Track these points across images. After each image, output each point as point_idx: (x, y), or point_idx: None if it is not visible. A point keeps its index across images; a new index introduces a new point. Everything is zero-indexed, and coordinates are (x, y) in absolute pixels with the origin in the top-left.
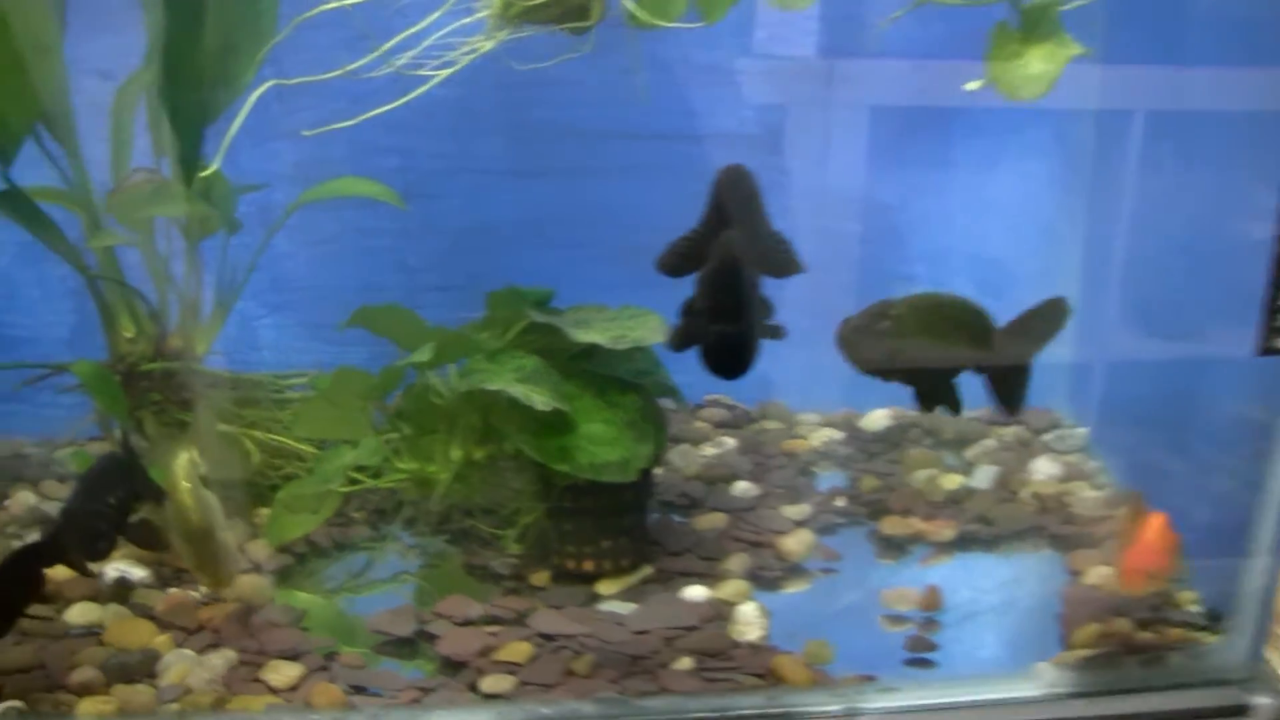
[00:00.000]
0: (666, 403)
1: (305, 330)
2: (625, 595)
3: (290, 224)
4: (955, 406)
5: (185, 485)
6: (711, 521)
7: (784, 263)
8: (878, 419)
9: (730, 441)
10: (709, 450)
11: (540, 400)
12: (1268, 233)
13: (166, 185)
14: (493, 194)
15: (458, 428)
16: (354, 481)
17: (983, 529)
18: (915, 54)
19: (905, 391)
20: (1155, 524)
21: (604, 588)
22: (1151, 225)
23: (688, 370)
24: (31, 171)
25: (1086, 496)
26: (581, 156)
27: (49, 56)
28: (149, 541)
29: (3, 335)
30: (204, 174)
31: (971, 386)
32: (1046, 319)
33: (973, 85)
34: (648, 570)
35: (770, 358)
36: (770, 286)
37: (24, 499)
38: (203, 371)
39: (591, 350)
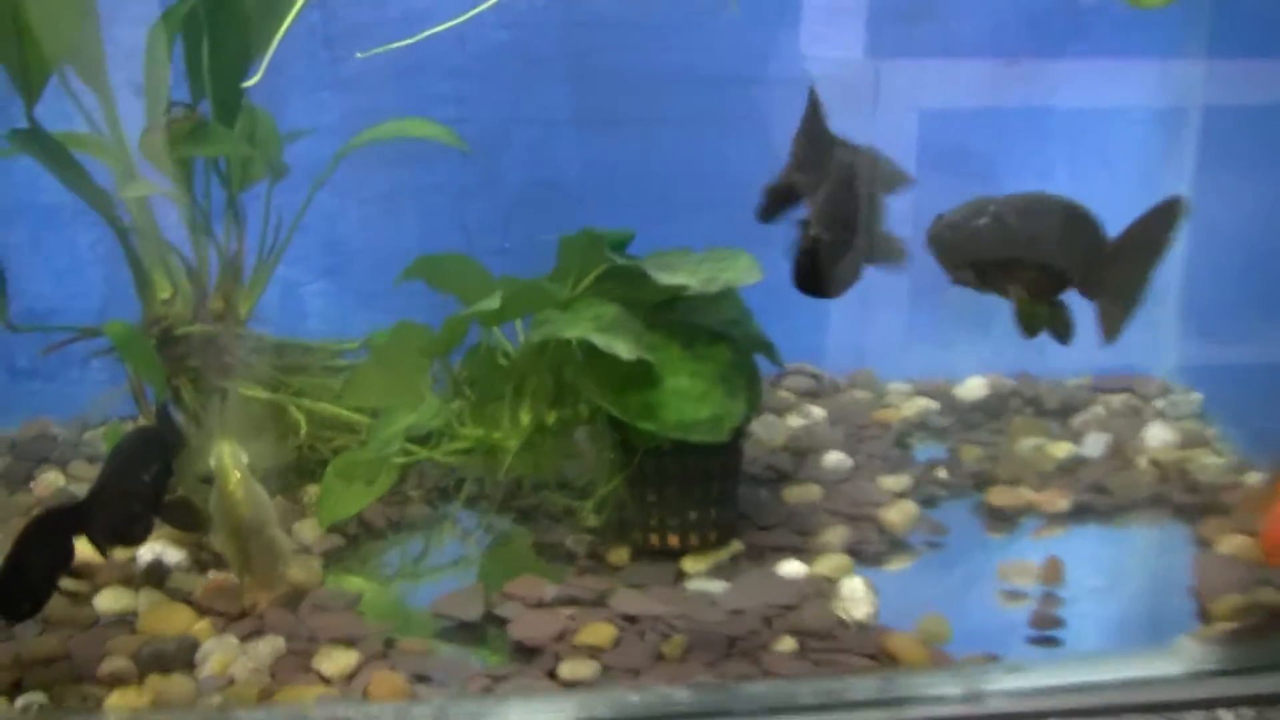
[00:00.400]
0: (759, 361)
1: (357, 298)
2: (714, 573)
3: (339, 181)
4: (1064, 330)
5: (234, 475)
6: (804, 494)
7: (894, 176)
8: (974, 387)
9: (818, 411)
10: (795, 420)
11: (624, 349)
12: None
13: (206, 124)
14: (558, 147)
15: (527, 389)
16: (411, 453)
17: (1099, 499)
18: None
19: (1003, 346)
20: None
21: (690, 564)
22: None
23: (776, 330)
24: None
25: (1209, 463)
26: (653, 105)
27: None
28: (188, 522)
29: (30, 307)
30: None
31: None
32: (1161, 224)
33: None
34: (737, 546)
35: (858, 322)
36: None
37: (51, 480)
38: (246, 335)
39: (675, 300)
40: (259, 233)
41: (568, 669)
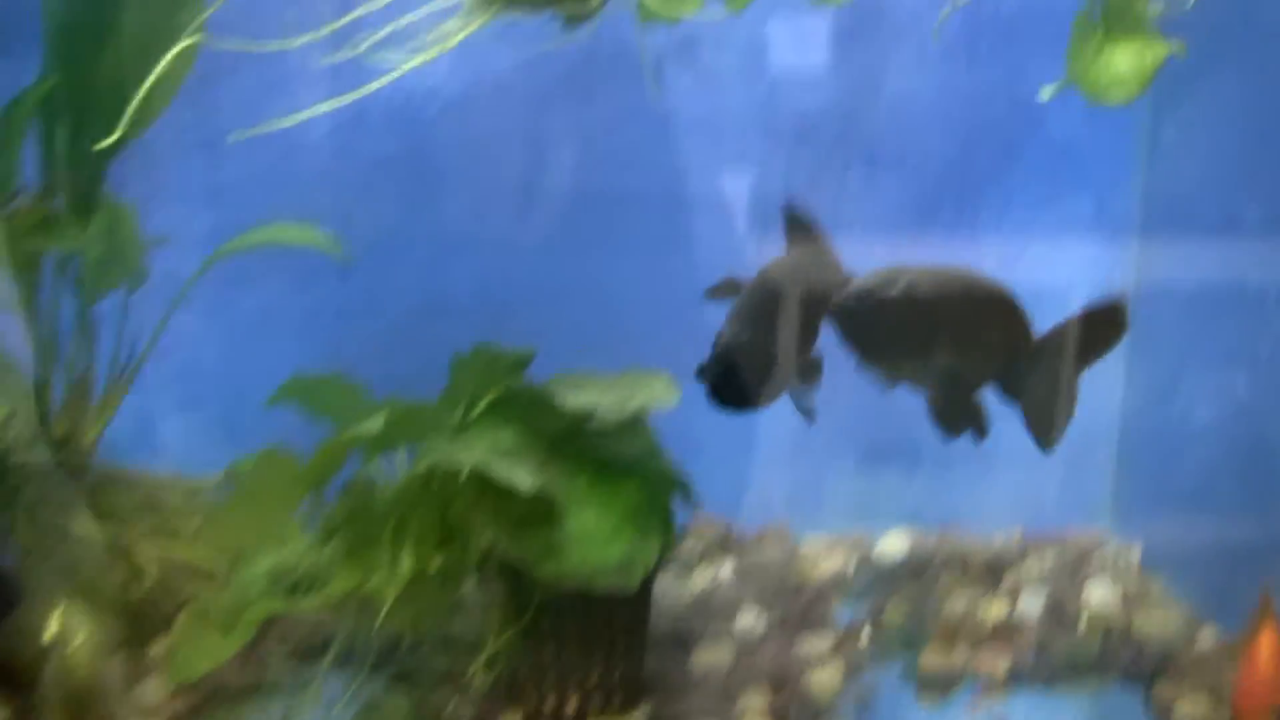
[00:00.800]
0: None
1: (221, 432)
2: None
3: (204, 301)
4: (980, 426)
5: (76, 638)
6: (716, 656)
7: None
8: (895, 542)
9: (726, 568)
10: (703, 576)
11: (524, 479)
12: None
13: (57, 215)
14: (451, 267)
15: (409, 529)
16: (274, 603)
17: (1041, 661)
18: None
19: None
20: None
21: None
22: None
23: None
24: None
25: (1158, 621)
26: (562, 222)
27: None
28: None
29: None
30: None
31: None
32: (1100, 328)
33: (1049, 91)
34: (643, 712)
35: (769, 471)
36: None
37: None
38: (93, 466)
39: (581, 430)
40: (111, 349)
41: None
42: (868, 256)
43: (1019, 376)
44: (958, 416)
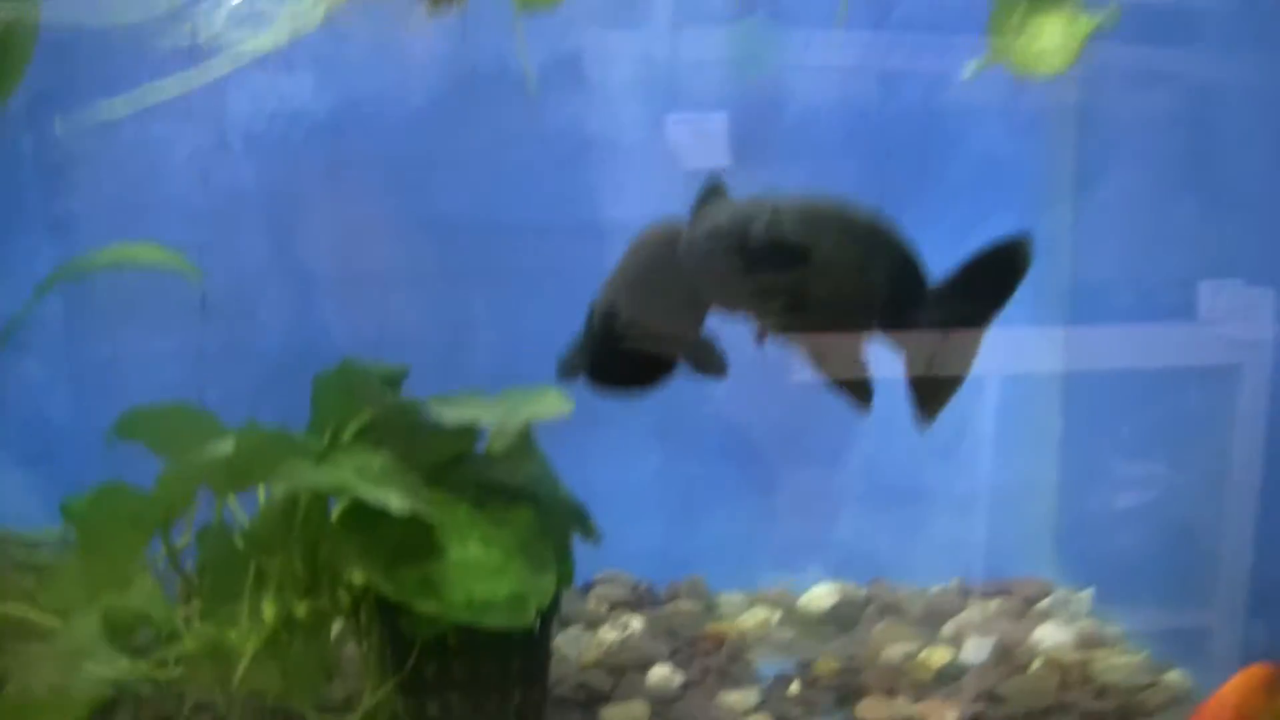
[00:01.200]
0: None
1: (70, 489)
2: None
3: (48, 346)
4: (864, 394)
5: None
6: (627, 712)
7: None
8: (821, 596)
9: (636, 623)
10: (609, 634)
11: (395, 500)
12: None
13: None
14: (318, 308)
15: (270, 573)
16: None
17: (993, 709)
18: None
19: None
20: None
21: None
22: None
23: None
24: None
25: (1119, 663)
26: (438, 254)
27: None
28: None
29: None
30: None
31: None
32: (1000, 270)
33: (973, 67)
34: None
35: (675, 525)
36: None
37: None
38: None
39: (462, 454)
40: None
41: None
42: None
43: (908, 327)
44: (839, 372)
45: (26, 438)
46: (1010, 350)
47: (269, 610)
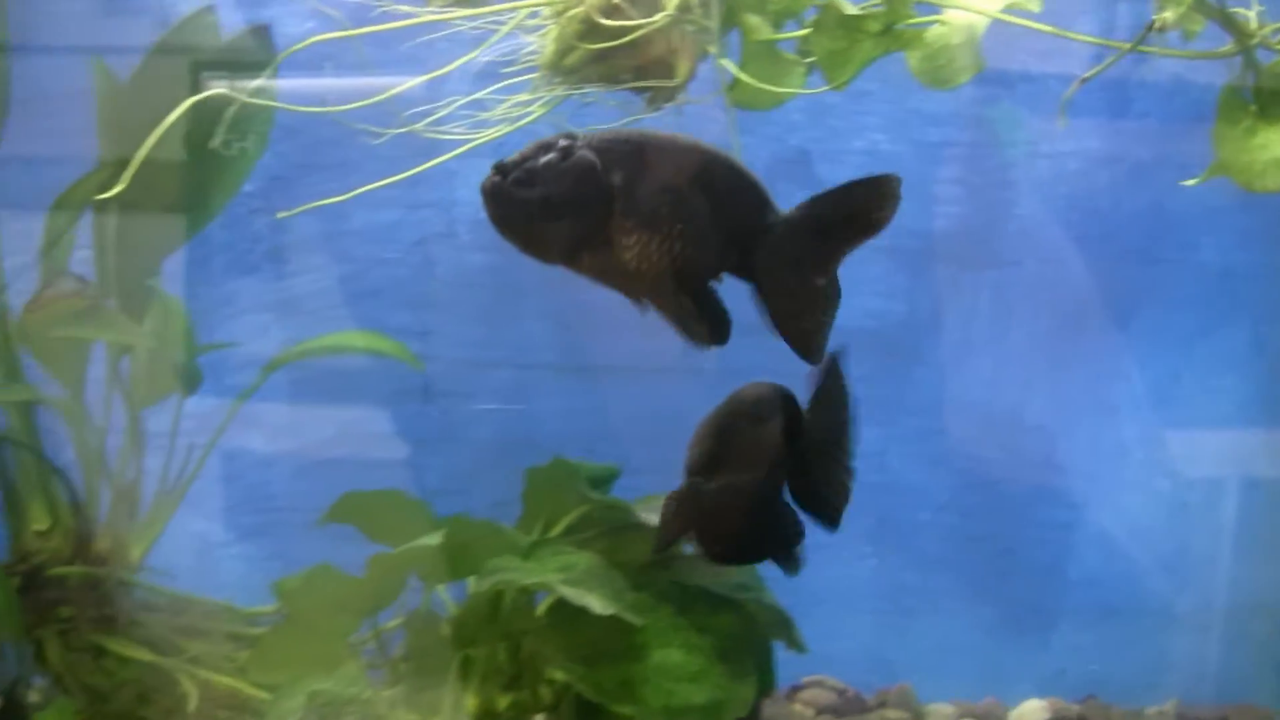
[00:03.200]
0: None
1: (285, 566)
2: None
3: (274, 425)
4: (719, 327)
5: None
6: None
7: None
8: (1031, 712)
9: None
10: None
11: (598, 603)
12: None
13: (103, 307)
14: (536, 395)
15: (475, 664)
16: None
17: None
18: None
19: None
20: None
21: None
22: None
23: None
24: None
25: None
26: (664, 351)
27: None
28: None
29: None
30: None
31: None
32: (866, 203)
33: (1199, 178)
34: None
35: (886, 630)
36: None
37: None
38: (137, 584)
39: (669, 559)
40: (163, 461)
41: None
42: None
43: (757, 263)
44: (686, 317)
45: (250, 512)
46: (1246, 456)
47: (471, 701)
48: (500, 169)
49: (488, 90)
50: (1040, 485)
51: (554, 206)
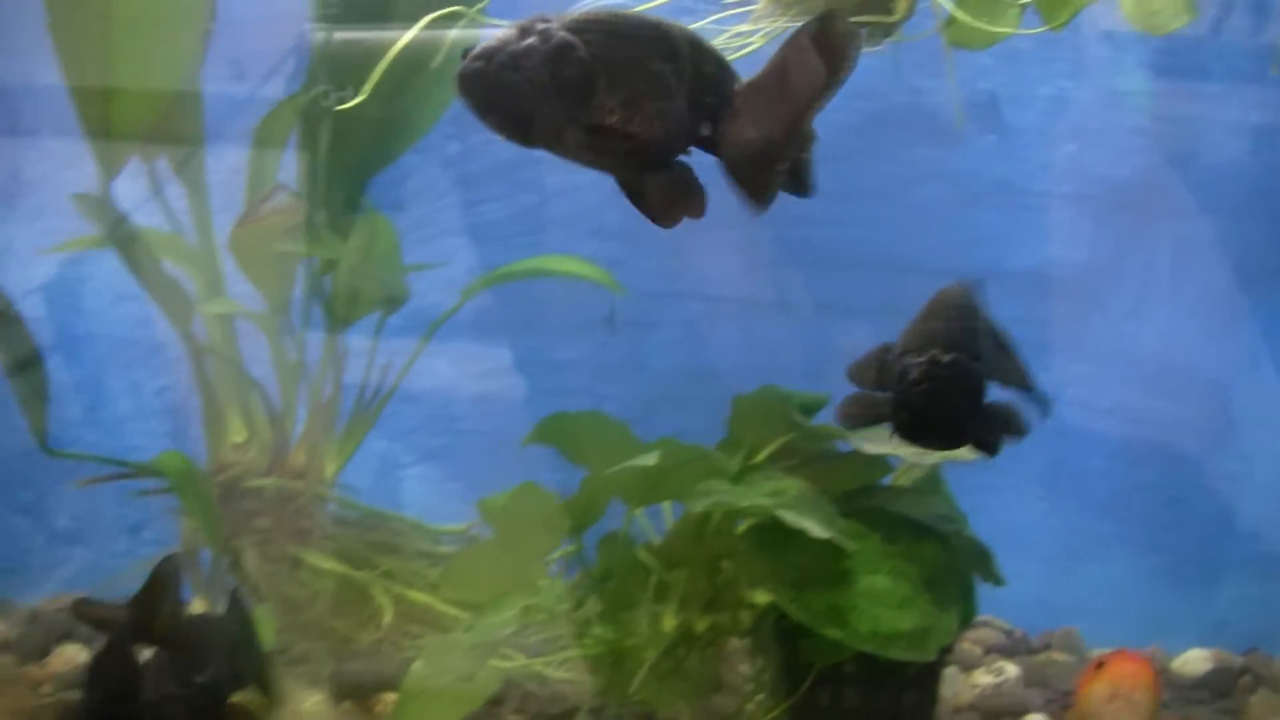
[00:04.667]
0: None
1: (464, 488)
2: None
3: (457, 351)
4: (694, 201)
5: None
6: None
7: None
8: (1195, 660)
9: (1011, 670)
10: (983, 678)
11: (816, 526)
12: None
13: (313, 222)
14: (719, 328)
15: (674, 586)
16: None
17: None
18: None
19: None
20: None
21: None
22: None
23: None
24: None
25: None
26: (843, 289)
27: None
28: None
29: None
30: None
31: None
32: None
33: None
34: None
35: (1054, 574)
36: None
37: (70, 655)
38: (333, 498)
39: (872, 486)
40: (360, 378)
41: None
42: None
43: (721, 130)
44: (656, 193)
45: (432, 434)
46: None
47: (669, 622)
48: (482, 55)
49: (708, 20)
50: (1211, 436)
51: (538, 89)
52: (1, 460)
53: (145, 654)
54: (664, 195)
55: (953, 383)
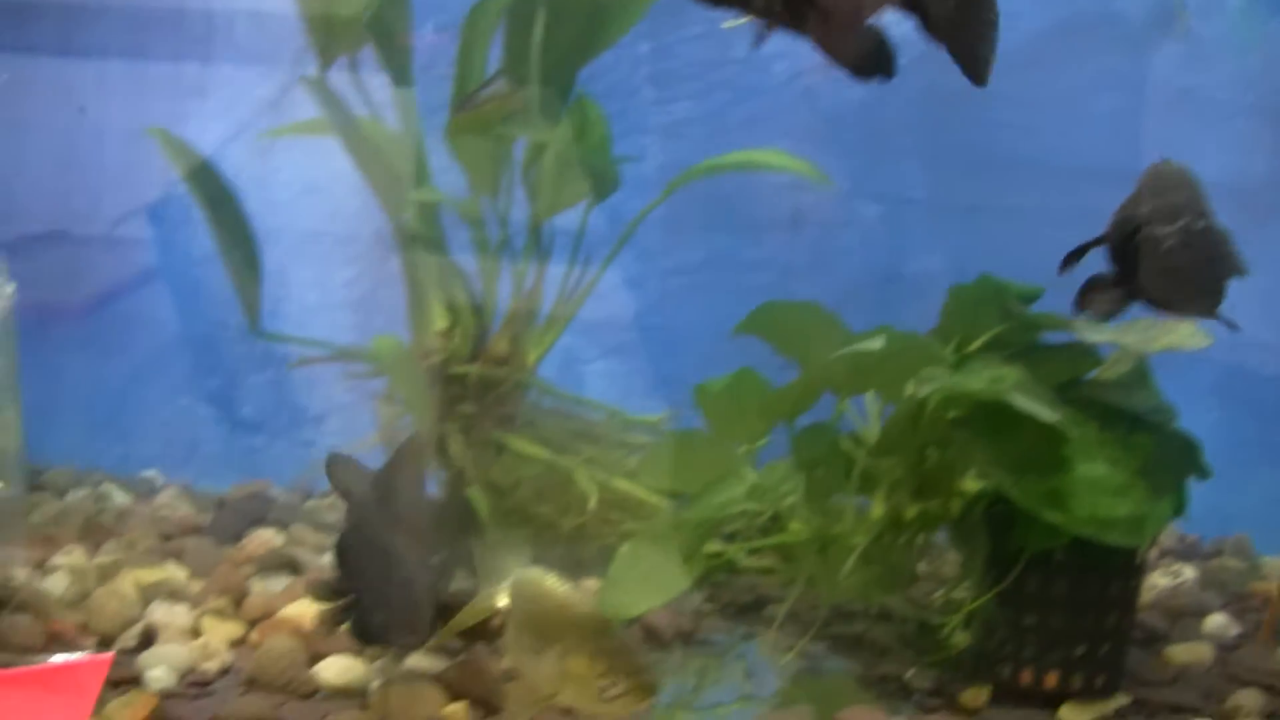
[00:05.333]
0: None
1: (644, 384)
2: None
3: (644, 245)
4: (885, 64)
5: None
6: (1192, 655)
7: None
8: None
9: (1188, 572)
10: (1160, 579)
11: (1047, 411)
12: None
13: (528, 109)
14: (903, 230)
15: (882, 473)
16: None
17: None
18: None
19: None
20: None
21: (1070, 714)
22: None
23: None
24: None
25: None
26: (1028, 194)
27: None
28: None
29: (268, 350)
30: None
31: None
32: None
33: None
34: (1122, 699)
35: (1227, 482)
36: None
37: (264, 539)
38: (537, 385)
39: (1079, 382)
40: (562, 267)
41: None
42: None
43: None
44: (849, 53)
45: (615, 329)
46: None
47: (878, 510)
48: None
49: None
50: None
51: None
52: (188, 349)
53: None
54: (856, 55)
55: (1209, 247)
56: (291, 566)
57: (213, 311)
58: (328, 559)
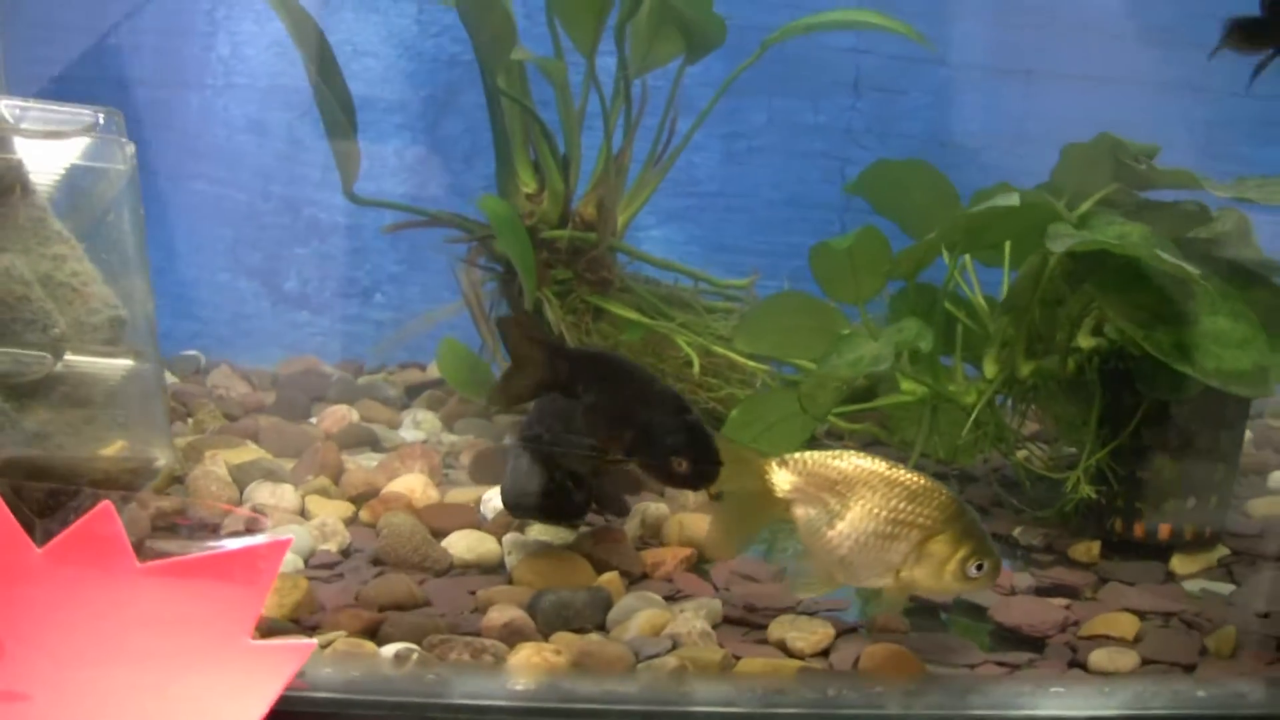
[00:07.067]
0: None
1: (701, 251)
2: (1212, 577)
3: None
4: None
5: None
6: (1273, 507)
7: None
8: None
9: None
10: None
11: (1191, 268)
12: None
13: None
14: (969, 95)
15: (997, 333)
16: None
17: None
18: None
19: None
20: None
21: (1181, 565)
22: None
23: None
24: None
25: None
26: (1076, 58)
27: None
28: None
29: (313, 220)
30: None
31: None
32: None
33: None
34: (1224, 549)
35: None
36: None
37: (340, 414)
38: (629, 250)
39: (1190, 239)
40: (653, 128)
41: (1103, 658)
42: None
43: None
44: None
45: (675, 195)
46: None
47: (991, 369)
48: None
49: None
50: None
51: None
52: (229, 221)
53: None
54: None
55: None
56: (372, 443)
57: (254, 182)
58: (410, 435)
